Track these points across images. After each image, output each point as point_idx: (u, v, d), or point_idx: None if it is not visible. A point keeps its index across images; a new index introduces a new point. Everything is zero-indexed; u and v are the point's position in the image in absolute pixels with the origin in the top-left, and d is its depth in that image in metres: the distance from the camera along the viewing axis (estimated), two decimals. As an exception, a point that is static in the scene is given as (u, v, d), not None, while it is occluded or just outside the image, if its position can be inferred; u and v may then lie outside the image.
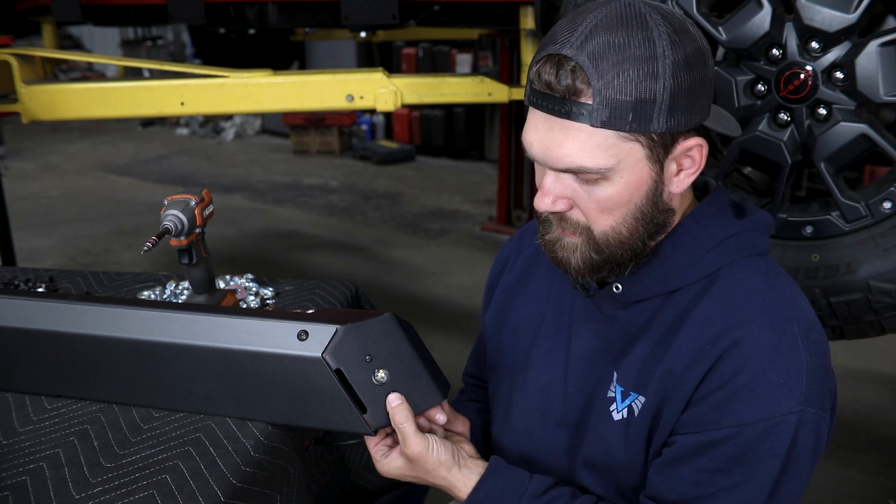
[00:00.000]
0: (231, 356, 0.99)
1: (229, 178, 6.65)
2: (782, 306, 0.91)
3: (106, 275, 1.65)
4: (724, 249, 0.95)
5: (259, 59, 4.01)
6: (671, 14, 0.86)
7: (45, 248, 4.76)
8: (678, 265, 0.95)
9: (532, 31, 2.33)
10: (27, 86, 2.31)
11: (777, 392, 0.86)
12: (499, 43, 5.04)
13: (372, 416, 0.95)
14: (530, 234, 1.20)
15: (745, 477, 0.87)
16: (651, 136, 0.86)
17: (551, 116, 0.86)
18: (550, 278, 1.12)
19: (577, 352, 1.04)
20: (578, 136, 0.85)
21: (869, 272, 1.44)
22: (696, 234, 0.95)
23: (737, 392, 0.87)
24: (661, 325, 0.96)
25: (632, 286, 0.98)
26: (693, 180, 0.92)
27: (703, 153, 0.91)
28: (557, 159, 0.87)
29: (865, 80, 1.37)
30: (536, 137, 0.89)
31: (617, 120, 0.83)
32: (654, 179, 0.89)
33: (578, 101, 0.84)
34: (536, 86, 0.87)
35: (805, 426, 0.87)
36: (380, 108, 2.25)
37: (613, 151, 0.85)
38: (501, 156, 4.92)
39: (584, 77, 0.83)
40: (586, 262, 0.93)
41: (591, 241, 0.92)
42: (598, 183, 0.88)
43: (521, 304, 1.15)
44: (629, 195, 0.89)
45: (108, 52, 10.53)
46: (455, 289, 4.07)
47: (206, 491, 0.91)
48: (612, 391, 0.98)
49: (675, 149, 0.89)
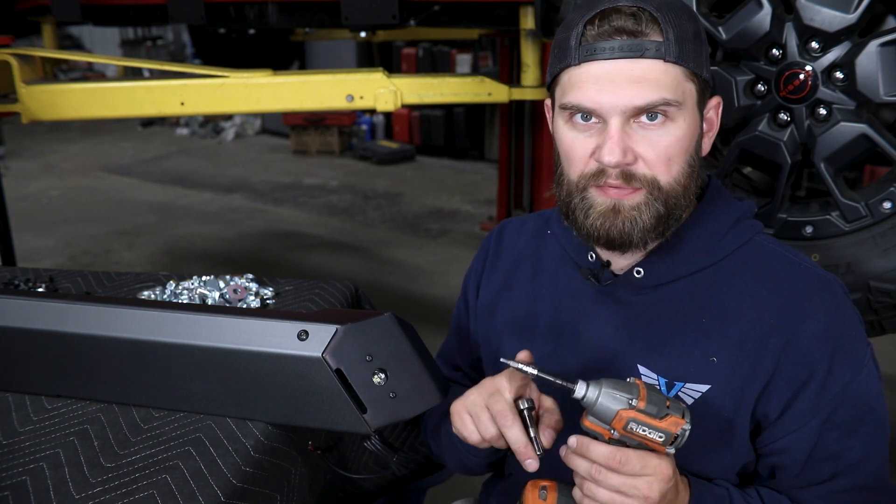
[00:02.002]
0: (231, 356, 0.99)
1: (229, 178, 6.65)
2: (818, 270, 0.96)
3: (106, 275, 1.65)
4: (741, 229, 0.98)
5: (259, 59, 4.01)
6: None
7: (45, 248, 4.76)
8: (702, 245, 0.97)
9: (532, 31, 2.33)
10: (27, 86, 2.31)
11: (856, 344, 0.93)
12: (499, 43, 5.04)
13: (372, 415, 0.95)
14: (511, 233, 1.17)
15: (871, 425, 0.93)
16: (703, 80, 0.91)
17: (620, 60, 0.87)
18: (539, 279, 1.10)
19: (594, 346, 1.01)
20: (654, 70, 0.87)
21: (869, 272, 1.44)
22: (716, 214, 0.98)
23: (832, 359, 0.91)
24: (695, 309, 0.95)
25: (655, 269, 0.97)
26: (711, 144, 0.97)
27: (719, 114, 0.97)
28: (635, 96, 0.87)
29: (865, 80, 1.37)
30: (605, 84, 0.88)
31: (685, 56, 0.88)
32: (699, 131, 0.93)
33: (650, 39, 0.87)
34: (591, 37, 0.88)
35: (875, 359, 0.95)
36: (380, 108, 2.26)
37: (682, 89, 0.89)
38: (501, 156, 4.92)
39: (649, 17, 0.87)
40: (654, 218, 0.91)
41: (659, 192, 0.90)
42: (665, 126, 0.89)
43: (507, 307, 1.12)
44: (688, 141, 0.91)
45: (108, 52, 10.52)
46: (455, 289, 4.06)
47: (207, 491, 0.91)
48: (652, 384, 0.95)
49: (709, 102, 0.94)
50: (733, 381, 0.93)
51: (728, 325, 0.94)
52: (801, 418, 0.92)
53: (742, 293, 0.94)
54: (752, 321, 0.93)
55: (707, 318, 0.95)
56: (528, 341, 1.08)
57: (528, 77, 2.37)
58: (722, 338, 0.94)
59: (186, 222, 5.30)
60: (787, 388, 0.92)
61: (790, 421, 0.93)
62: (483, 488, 1.24)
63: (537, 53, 2.37)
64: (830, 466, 0.94)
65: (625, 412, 0.82)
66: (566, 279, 1.06)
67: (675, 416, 0.82)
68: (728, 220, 0.98)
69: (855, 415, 0.92)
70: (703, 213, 0.98)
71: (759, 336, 0.92)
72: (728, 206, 1.00)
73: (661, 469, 0.83)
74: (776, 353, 0.91)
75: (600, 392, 0.83)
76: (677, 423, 0.82)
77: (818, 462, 0.94)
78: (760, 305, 0.93)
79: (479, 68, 7.04)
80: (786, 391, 0.92)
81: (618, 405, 0.83)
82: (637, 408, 0.82)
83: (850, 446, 0.93)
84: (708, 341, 0.94)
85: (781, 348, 0.91)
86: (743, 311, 0.93)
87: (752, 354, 0.92)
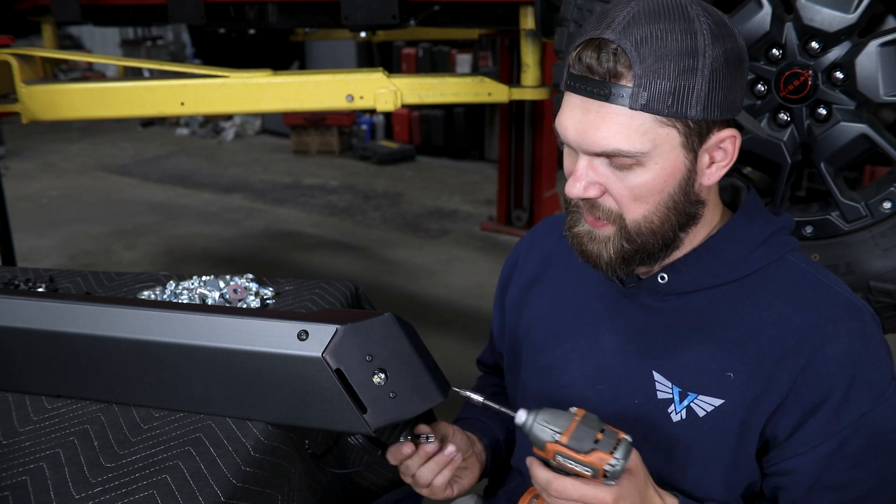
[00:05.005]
0: (231, 356, 0.99)
1: (229, 178, 6.65)
2: (847, 294, 0.94)
3: (106, 275, 1.65)
4: (772, 245, 0.96)
5: (259, 59, 4.01)
6: (711, 9, 0.87)
7: (45, 248, 4.76)
8: (731, 258, 0.95)
9: (532, 31, 2.33)
10: (27, 86, 2.31)
11: (879, 374, 0.90)
12: (499, 43, 5.04)
13: (372, 416, 0.95)
14: (542, 232, 1.18)
15: (882, 461, 0.91)
16: (688, 123, 0.86)
17: (589, 99, 0.86)
18: (567, 277, 1.10)
19: (611, 348, 1.01)
20: (617, 118, 0.85)
21: (869, 272, 1.44)
22: (748, 228, 0.96)
23: (851, 386, 0.89)
24: (716, 322, 0.94)
25: (679, 277, 0.96)
26: (724, 173, 0.92)
27: (735, 145, 0.92)
28: (594, 142, 0.86)
29: (865, 80, 1.37)
30: (572, 121, 0.88)
31: (656, 103, 0.84)
32: (688, 168, 0.89)
33: (619, 84, 0.84)
34: (575, 69, 0.87)
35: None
36: (380, 108, 2.25)
37: (650, 136, 0.85)
38: (501, 156, 4.92)
39: (625, 60, 0.83)
40: (618, 253, 0.92)
41: (624, 230, 0.91)
42: (633, 169, 0.87)
43: (536, 303, 1.12)
44: (662, 183, 0.88)
45: (108, 52, 10.52)
46: (455, 289, 4.07)
47: (207, 491, 0.91)
48: (665, 392, 0.96)
49: (709, 139, 0.89)
50: (747, 398, 0.91)
51: (748, 341, 0.92)
52: (809, 441, 0.90)
53: (766, 310, 0.93)
54: (772, 339, 0.91)
55: (728, 332, 0.93)
56: (553, 337, 1.08)
57: (528, 77, 2.37)
58: (741, 353, 0.92)
59: (186, 222, 5.30)
60: (799, 410, 0.90)
61: (798, 443, 0.91)
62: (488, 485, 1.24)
63: (537, 53, 2.37)
64: (835, 497, 0.92)
65: (550, 445, 0.85)
66: (594, 279, 1.05)
67: (601, 451, 0.83)
68: (760, 235, 0.96)
69: (869, 446, 0.90)
70: (735, 226, 0.96)
71: (778, 355, 0.90)
72: (763, 220, 0.97)
73: (601, 499, 0.84)
74: (794, 374, 0.89)
75: (534, 422, 0.86)
76: (602, 458, 0.83)
77: (823, 491, 0.91)
78: (783, 324, 0.91)
79: (479, 68, 7.03)
80: (797, 412, 0.90)
81: (546, 436, 0.85)
82: (560, 442, 0.84)
83: (859, 478, 0.91)
84: (726, 355, 0.93)
85: (799, 369, 0.89)
86: (764, 328, 0.92)
87: (769, 373, 0.90)
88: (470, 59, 7.07)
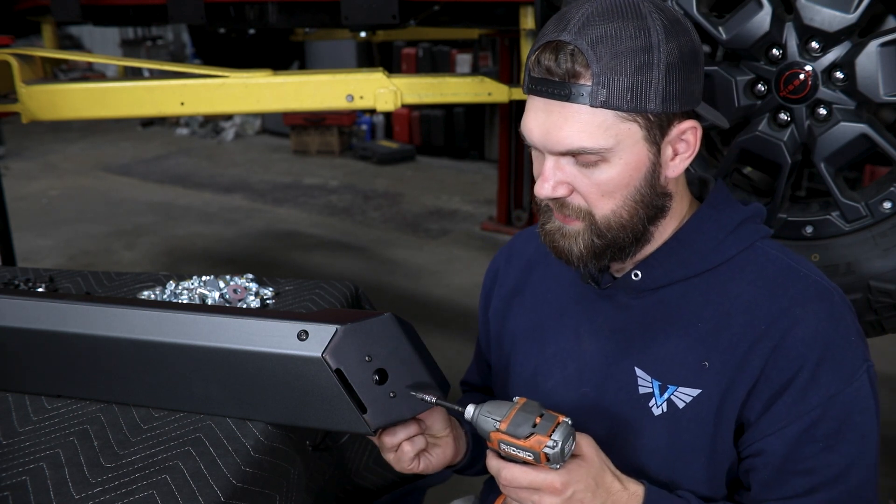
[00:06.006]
0: (231, 356, 0.99)
1: (229, 178, 6.65)
2: (817, 278, 0.95)
3: (106, 275, 1.65)
4: (742, 234, 0.98)
5: (259, 59, 4.01)
6: (664, 6, 0.89)
7: (45, 248, 4.76)
8: (701, 248, 0.97)
9: (532, 31, 2.33)
10: (27, 86, 2.31)
11: (847, 355, 0.91)
12: (499, 43, 5.04)
13: (372, 415, 0.95)
14: (521, 242, 1.19)
15: (852, 444, 0.90)
16: (648, 117, 0.88)
17: (551, 101, 0.88)
18: (547, 284, 1.11)
19: (593, 350, 1.02)
20: (578, 117, 0.87)
21: (869, 272, 1.44)
22: (716, 219, 0.98)
23: (819, 366, 0.89)
24: (691, 313, 0.96)
25: (652, 272, 0.98)
26: (688, 164, 0.94)
27: (697, 136, 0.93)
28: (558, 142, 0.88)
29: (865, 80, 1.37)
30: (536, 123, 0.90)
31: (615, 100, 0.86)
32: (652, 161, 0.91)
33: (578, 83, 0.86)
34: (535, 73, 0.89)
35: (872, 378, 0.92)
36: (380, 108, 2.26)
37: (613, 132, 0.87)
38: (501, 156, 4.92)
39: (582, 60, 0.85)
40: (589, 248, 0.93)
41: (594, 225, 0.92)
42: (598, 165, 0.89)
43: (519, 311, 1.14)
44: (628, 177, 0.90)
45: (108, 52, 10.52)
46: (455, 289, 4.07)
47: (206, 491, 0.91)
48: (646, 386, 0.97)
49: (670, 131, 0.91)
50: (722, 385, 0.93)
51: (721, 329, 0.94)
52: (778, 421, 0.91)
53: (737, 298, 0.94)
54: (743, 326, 0.92)
55: (702, 323, 0.95)
56: (536, 345, 1.10)
57: (528, 77, 2.37)
58: (715, 342, 0.94)
59: (186, 222, 5.30)
60: (769, 391, 0.91)
61: (767, 423, 0.91)
62: (484, 487, 1.24)
63: (537, 53, 2.36)
64: (806, 481, 0.91)
65: (493, 434, 0.87)
66: (571, 285, 1.07)
67: (539, 434, 0.84)
68: (728, 224, 0.97)
69: (838, 429, 0.90)
70: (703, 217, 0.98)
71: (750, 341, 0.92)
72: (730, 210, 0.99)
73: (549, 483, 0.85)
74: (764, 358, 0.91)
75: (478, 414, 0.88)
76: (541, 441, 0.84)
77: (793, 475, 0.92)
78: (753, 310, 0.93)
79: (479, 68, 7.03)
80: (767, 393, 0.91)
81: (488, 426, 0.88)
82: (500, 429, 0.86)
83: (828, 462, 0.91)
84: (701, 346, 0.94)
85: (769, 352, 0.91)
86: (736, 315, 0.93)
87: (742, 359, 0.92)
88: (470, 59, 7.07)
